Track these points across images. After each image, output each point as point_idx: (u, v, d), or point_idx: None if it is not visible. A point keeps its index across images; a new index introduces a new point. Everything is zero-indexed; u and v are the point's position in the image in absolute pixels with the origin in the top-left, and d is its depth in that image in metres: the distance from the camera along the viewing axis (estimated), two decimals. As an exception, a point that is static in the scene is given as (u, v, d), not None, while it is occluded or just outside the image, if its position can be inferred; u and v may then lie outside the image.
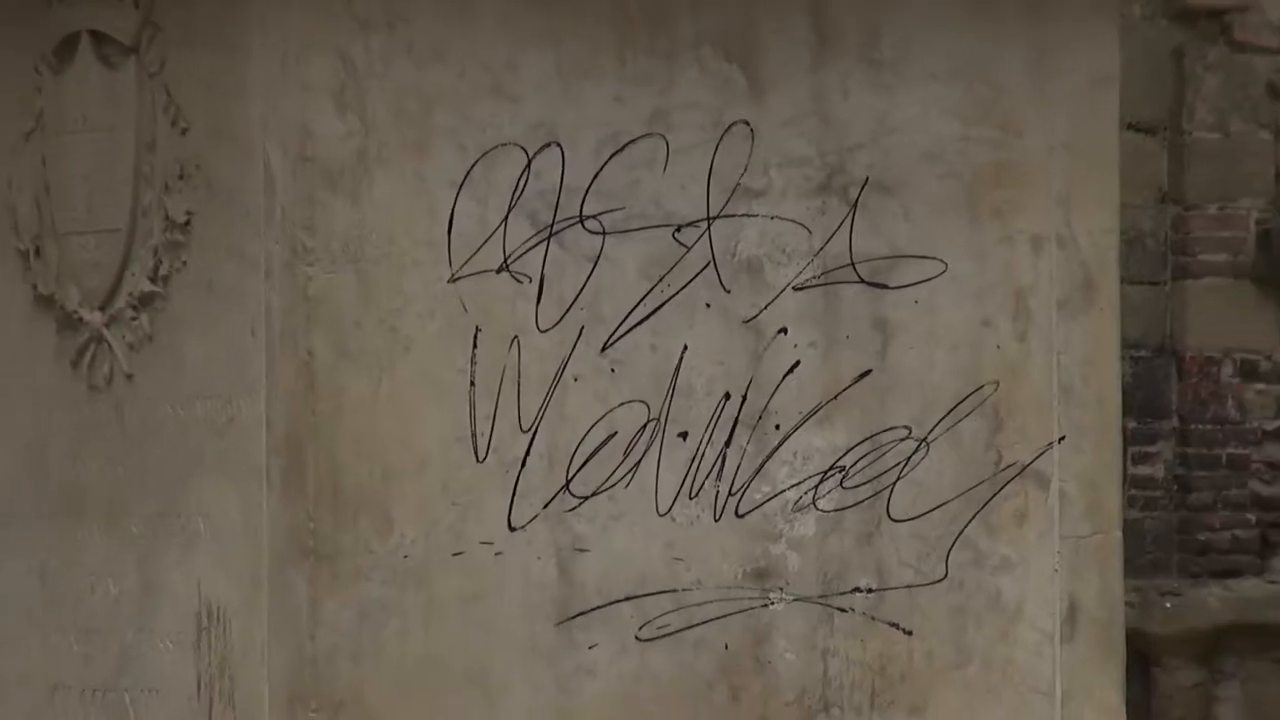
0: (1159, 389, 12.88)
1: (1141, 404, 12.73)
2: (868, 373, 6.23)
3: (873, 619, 6.01)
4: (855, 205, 6.23)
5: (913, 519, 6.02)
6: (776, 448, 5.93)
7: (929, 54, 6.41)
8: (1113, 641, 6.31)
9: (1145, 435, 12.46)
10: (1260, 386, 12.54)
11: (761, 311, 6.11)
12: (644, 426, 5.75)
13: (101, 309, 6.27)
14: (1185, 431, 12.58)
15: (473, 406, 5.73)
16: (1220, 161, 12.70)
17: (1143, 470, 12.79)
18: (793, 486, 5.97)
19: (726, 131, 6.14)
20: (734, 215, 6.10)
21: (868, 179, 6.23)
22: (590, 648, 5.71)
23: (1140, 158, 12.85)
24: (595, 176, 6.06)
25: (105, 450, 6.12)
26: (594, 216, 5.99)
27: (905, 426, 5.98)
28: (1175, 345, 12.89)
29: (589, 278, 5.92)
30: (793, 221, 6.13)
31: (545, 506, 5.66)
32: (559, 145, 5.99)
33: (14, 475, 6.37)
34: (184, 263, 6.13)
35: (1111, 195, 6.63)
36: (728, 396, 5.94)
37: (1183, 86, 13.07)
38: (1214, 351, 12.92)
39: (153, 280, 6.06)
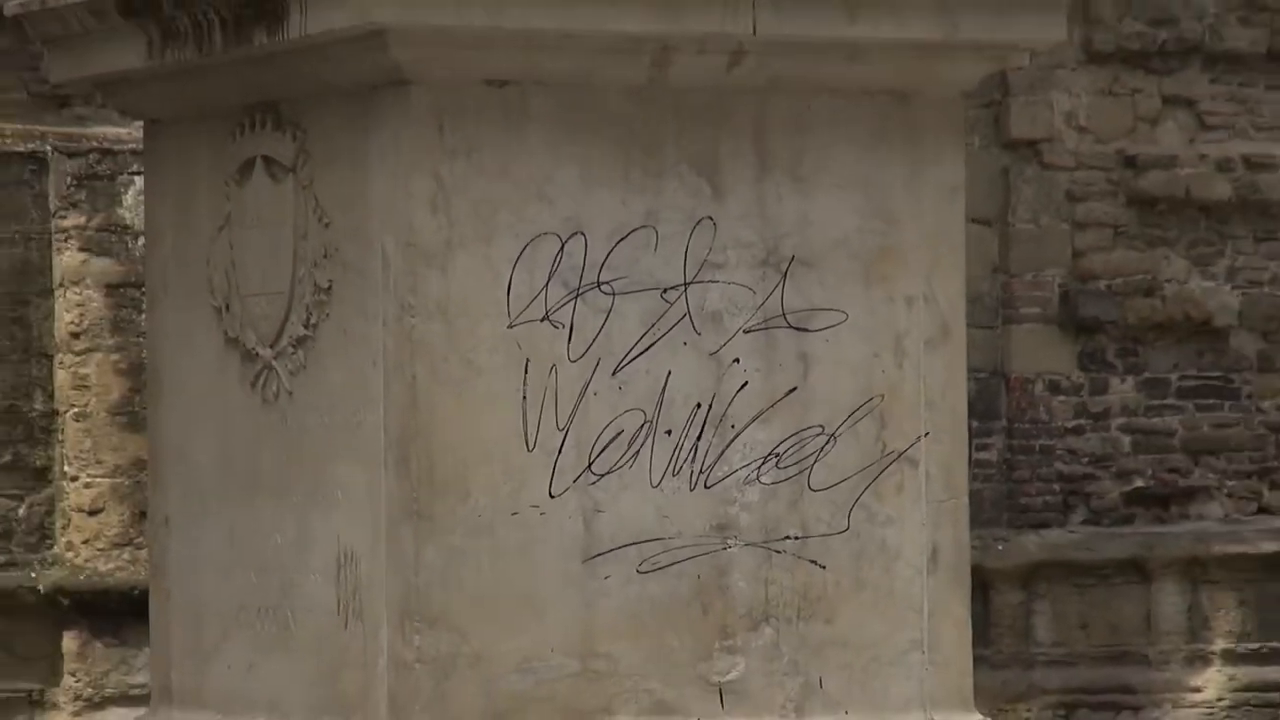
0: (993, 400, 13.38)
1: (981, 410, 13.14)
2: (794, 389, 6.21)
3: (798, 558, 6.06)
4: (785, 275, 6.20)
5: (826, 489, 6.08)
6: (732, 440, 5.97)
7: (837, 170, 6.30)
8: (962, 574, 6.43)
9: (983, 432, 12.99)
10: (1062, 398, 13.21)
11: (722, 347, 6.11)
12: (641, 426, 5.93)
13: (271, 346, 6.42)
14: (1010, 429, 13.25)
15: (524, 414, 5.85)
16: (1034, 244, 13.33)
17: (982, 455, 13.29)
18: (743, 467, 6.03)
19: (697, 224, 6.14)
20: (703, 281, 6.08)
21: (794, 257, 6.21)
22: (605, 578, 5.86)
23: (980, 242, 12.93)
24: (608, 255, 6.13)
25: (274, 445, 6.33)
26: (607, 282, 6.07)
27: (820, 425, 6.05)
28: (1004, 369, 13.42)
29: (603, 325, 6.01)
30: (743, 285, 6.12)
31: (574, 481, 5.80)
32: (583, 234, 6.08)
33: (211, 465, 6.56)
34: (327, 315, 6.23)
35: (960, 268, 6.50)
36: (699, 405, 6.05)
37: (1008, 193, 13.53)
38: (1030, 374, 13.47)
39: (305, 327, 6.21)
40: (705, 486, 6.12)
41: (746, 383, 6.08)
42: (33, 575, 12.18)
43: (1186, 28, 14.37)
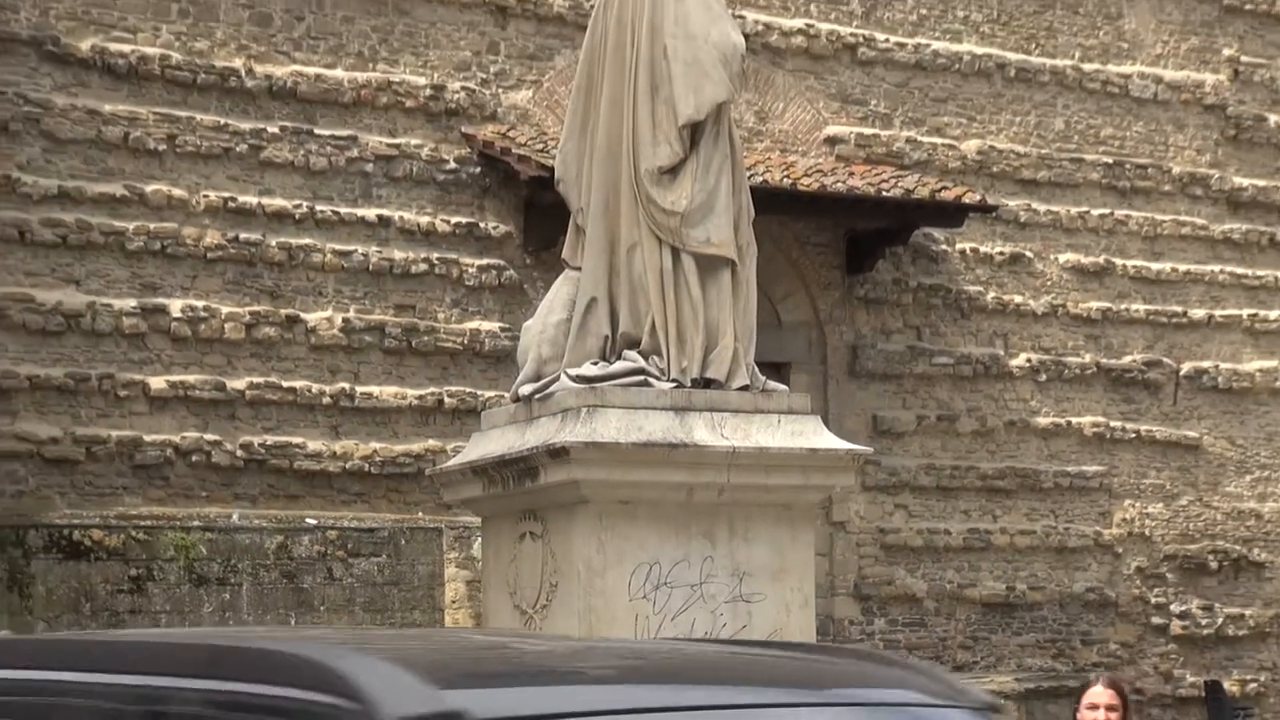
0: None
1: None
2: (744, 626, 9.36)
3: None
4: (741, 579, 9.56)
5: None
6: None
7: (762, 536, 9.81)
8: None
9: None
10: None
11: (715, 610, 9.55)
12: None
13: (532, 607, 9.70)
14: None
15: (635, 637, 8.88)
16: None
17: None
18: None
19: (705, 560, 9.58)
20: (706, 583, 9.71)
21: (745, 572, 9.62)
22: None
23: (819, 566, 17.91)
24: (669, 571, 9.50)
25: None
26: (667, 584, 9.46)
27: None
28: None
29: (666, 601, 9.45)
30: (724, 584, 9.54)
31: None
32: (658, 563, 9.51)
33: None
34: (556, 594, 9.47)
35: (811, 577, 10.02)
36: (707, 630, 9.27)
37: (831, 543, 16.88)
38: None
39: (546, 600, 9.28)
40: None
41: (726, 624, 9.72)
42: None
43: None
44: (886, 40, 20.70)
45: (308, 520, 16.96)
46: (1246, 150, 22.67)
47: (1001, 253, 20.97)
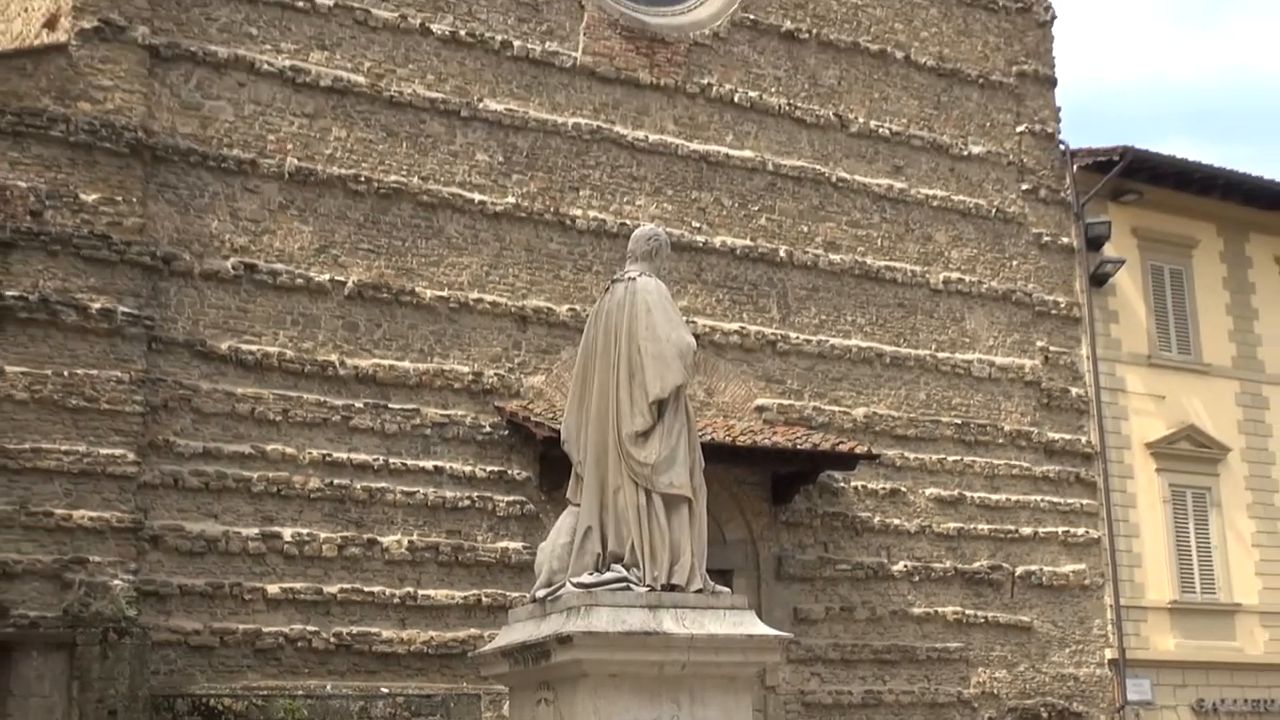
0: None
1: None
2: None
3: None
4: None
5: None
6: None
7: (714, 701, 9.18)
8: None
9: None
10: None
11: None
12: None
13: None
14: None
15: None
16: None
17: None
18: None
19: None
20: None
21: None
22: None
23: None
24: None
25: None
26: None
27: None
28: None
29: None
30: None
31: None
32: None
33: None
34: None
35: None
36: None
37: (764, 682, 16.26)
38: None
39: None
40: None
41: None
42: None
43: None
44: (798, 337, 20.81)
45: (382, 689, 16.81)
46: (1056, 414, 22.74)
47: (883, 488, 20.92)
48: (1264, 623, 23.57)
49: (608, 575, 9.62)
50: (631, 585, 9.50)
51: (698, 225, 19.98)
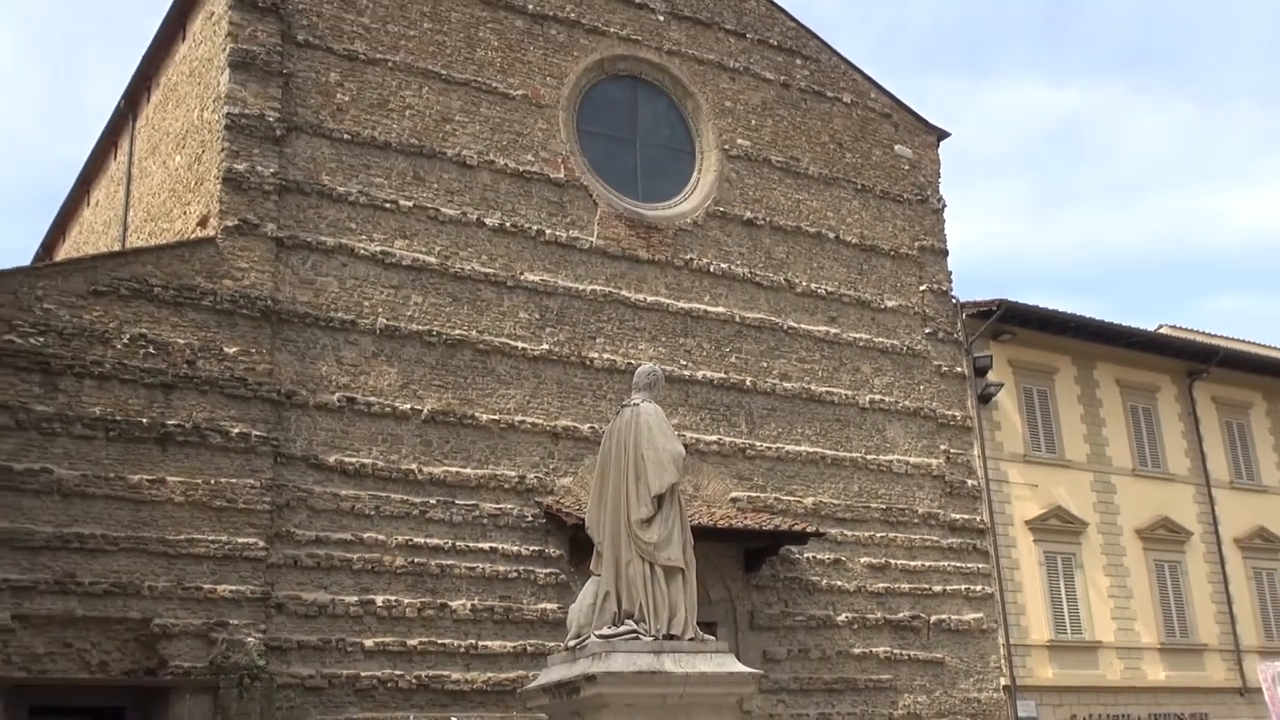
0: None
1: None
2: None
3: None
4: None
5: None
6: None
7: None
8: None
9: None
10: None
11: None
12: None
13: None
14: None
15: None
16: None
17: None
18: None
19: None
20: None
21: None
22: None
23: None
24: None
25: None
26: None
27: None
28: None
29: None
30: None
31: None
32: None
33: None
34: None
35: None
36: None
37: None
38: None
39: None
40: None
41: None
42: None
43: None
44: (762, 445, 20.49)
45: (452, 718, 16.40)
46: (956, 500, 22.31)
47: (828, 558, 20.48)
48: (1119, 655, 23.23)
49: (622, 629, 9.44)
50: (640, 636, 9.34)
51: (685, 363, 19.87)
